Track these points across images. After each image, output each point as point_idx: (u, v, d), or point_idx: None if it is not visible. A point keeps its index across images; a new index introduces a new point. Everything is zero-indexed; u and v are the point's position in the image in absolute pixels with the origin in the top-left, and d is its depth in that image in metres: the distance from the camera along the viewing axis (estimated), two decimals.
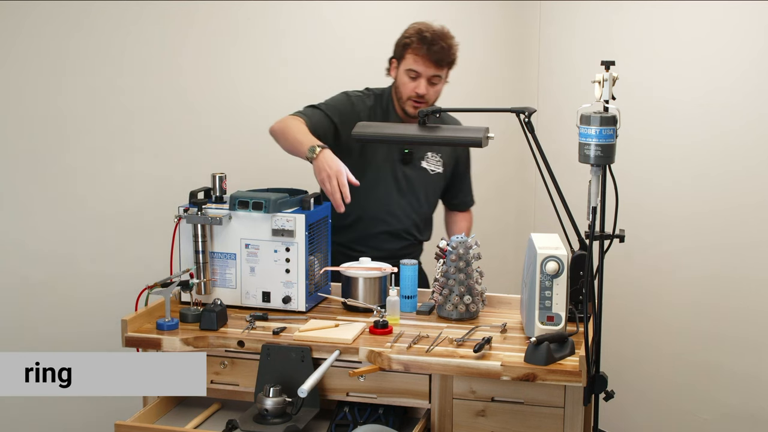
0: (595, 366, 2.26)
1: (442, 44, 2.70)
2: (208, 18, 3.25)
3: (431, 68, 2.72)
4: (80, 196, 3.02)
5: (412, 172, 2.86)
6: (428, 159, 2.87)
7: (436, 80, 2.75)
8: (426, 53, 2.70)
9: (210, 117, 3.30)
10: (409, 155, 2.85)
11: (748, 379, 3.22)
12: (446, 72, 2.79)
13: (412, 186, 2.86)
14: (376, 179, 2.83)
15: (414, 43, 2.72)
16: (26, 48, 2.86)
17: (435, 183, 2.91)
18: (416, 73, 2.73)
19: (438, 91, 2.79)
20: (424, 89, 2.73)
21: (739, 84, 3.16)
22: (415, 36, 2.73)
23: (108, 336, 2.88)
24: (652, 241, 3.48)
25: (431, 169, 2.87)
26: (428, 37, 2.70)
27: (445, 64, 2.74)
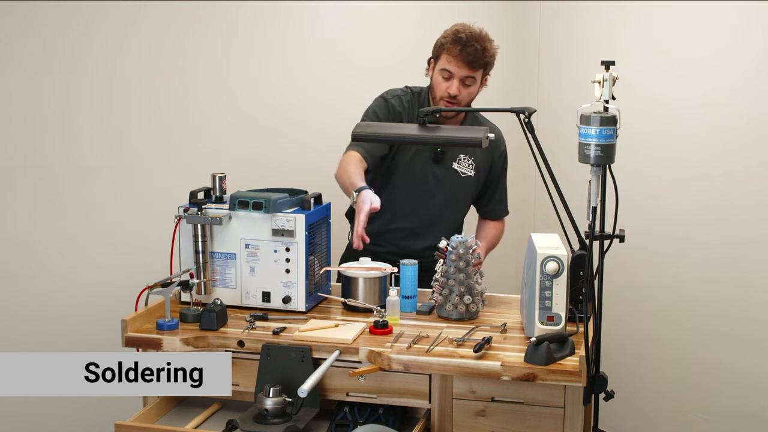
0: (595, 366, 2.26)
1: (476, 46, 2.69)
2: (208, 18, 3.25)
3: (464, 69, 2.71)
4: (78, 195, 3.02)
5: (443, 172, 2.85)
6: (460, 161, 2.85)
7: (469, 81, 2.74)
8: (459, 54, 2.70)
9: (210, 117, 3.30)
10: (441, 154, 2.83)
11: (749, 378, 3.22)
12: (481, 74, 2.77)
13: (442, 186, 2.84)
14: (406, 176, 2.83)
15: (449, 44, 2.73)
16: (23, 47, 2.86)
17: (465, 186, 2.87)
18: (449, 73, 2.73)
19: (471, 93, 2.78)
20: (456, 90, 2.72)
21: (739, 84, 3.16)
22: (450, 36, 2.74)
23: (108, 336, 2.89)
24: (652, 241, 3.48)
25: (462, 172, 2.85)
26: (463, 38, 2.70)
27: (479, 66, 2.73)
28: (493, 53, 2.76)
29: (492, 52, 2.76)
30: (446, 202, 2.85)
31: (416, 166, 2.83)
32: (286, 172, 3.25)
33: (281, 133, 3.45)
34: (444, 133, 2.54)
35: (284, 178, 2.99)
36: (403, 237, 2.82)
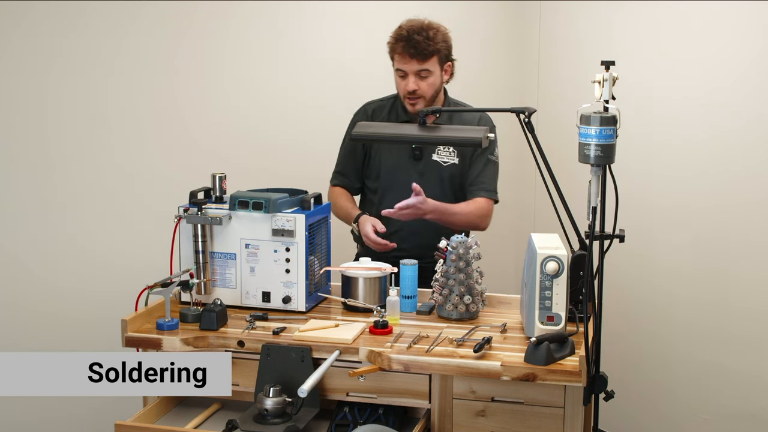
0: (595, 366, 2.26)
1: (417, 37, 2.68)
2: (207, 18, 3.25)
3: (413, 63, 2.70)
4: (78, 195, 3.02)
5: (425, 167, 2.85)
6: (440, 152, 2.85)
7: (425, 74, 2.73)
8: (403, 49, 2.70)
9: (210, 117, 3.30)
10: (419, 150, 2.84)
11: (749, 378, 3.22)
12: (436, 63, 2.74)
13: (426, 182, 2.83)
14: (391, 182, 2.85)
15: (393, 43, 2.73)
16: (23, 47, 2.86)
17: (450, 174, 2.86)
18: (403, 71, 2.74)
19: (432, 84, 2.75)
20: (412, 85, 2.72)
21: (739, 84, 3.16)
22: (394, 36, 2.74)
23: (108, 336, 2.88)
24: (652, 241, 3.48)
25: (444, 161, 2.85)
26: (404, 34, 2.70)
27: (428, 56, 2.70)
28: (441, 39, 2.73)
29: (439, 39, 2.72)
30: (435, 194, 2.81)
31: (398, 169, 2.84)
32: (286, 172, 3.25)
33: (281, 133, 3.45)
34: (444, 133, 2.54)
35: (284, 178, 2.99)
36: (403, 239, 2.81)
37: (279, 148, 3.44)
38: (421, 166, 2.85)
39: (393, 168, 2.85)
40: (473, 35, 3.98)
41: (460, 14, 3.93)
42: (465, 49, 3.97)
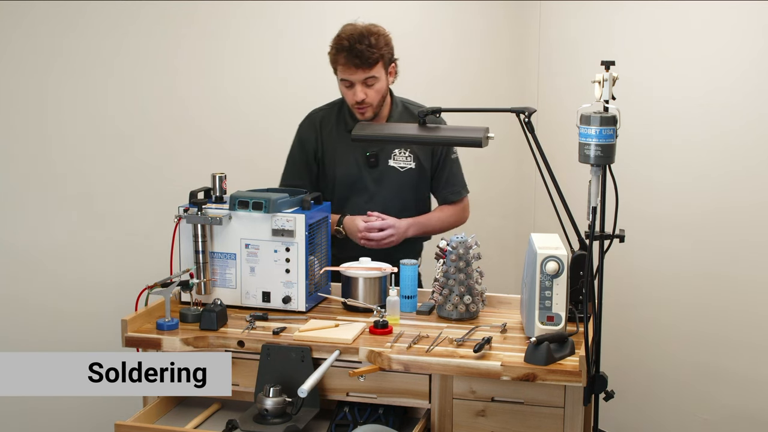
0: (595, 366, 2.26)
1: (359, 47, 2.62)
2: (207, 18, 3.25)
3: (359, 72, 2.65)
4: (79, 195, 3.02)
5: (380, 173, 2.83)
6: (395, 157, 2.82)
7: (371, 81, 2.68)
8: (347, 61, 2.63)
9: (210, 117, 3.30)
10: (373, 158, 2.81)
11: (749, 379, 3.22)
12: (381, 68, 2.69)
13: (383, 188, 2.83)
14: (347, 189, 2.83)
15: (336, 54, 2.67)
16: (23, 47, 2.86)
17: (409, 179, 2.84)
18: (349, 81, 2.68)
19: (379, 90, 2.71)
20: (360, 95, 2.67)
21: (739, 84, 3.16)
22: (335, 46, 2.67)
23: (108, 336, 2.88)
24: (652, 241, 3.48)
25: (400, 167, 2.82)
26: (345, 44, 2.63)
27: (373, 64, 2.65)
28: (384, 43, 2.68)
29: (381, 44, 2.67)
30: (393, 201, 2.82)
31: (354, 177, 2.82)
32: None
33: (281, 133, 3.44)
34: (444, 134, 2.54)
35: None
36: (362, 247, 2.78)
37: (279, 149, 3.43)
38: (377, 173, 2.82)
39: (349, 176, 2.82)
40: (473, 35, 3.98)
41: (460, 14, 3.93)
42: (465, 49, 3.99)
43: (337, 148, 2.82)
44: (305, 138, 2.86)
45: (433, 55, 3.89)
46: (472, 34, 3.97)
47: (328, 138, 2.83)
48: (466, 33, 3.97)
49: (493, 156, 3.53)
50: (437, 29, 3.93)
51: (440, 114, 2.61)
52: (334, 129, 2.83)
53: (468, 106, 3.12)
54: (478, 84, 3.97)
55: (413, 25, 3.82)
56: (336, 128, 2.84)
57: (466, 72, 3.98)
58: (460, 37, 3.97)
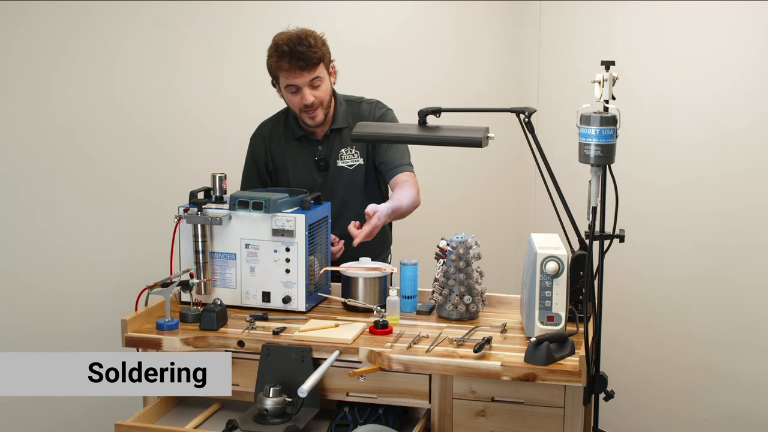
0: (595, 366, 2.26)
1: (300, 49, 2.62)
2: (207, 18, 3.25)
3: (304, 75, 2.65)
4: (79, 195, 3.02)
5: (331, 175, 2.83)
6: (343, 156, 2.83)
7: (317, 82, 2.69)
8: (290, 65, 2.63)
9: (210, 117, 3.30)
10: (323, 161, 2.82)
11: (749, 379, 3.22)
12: (323, 68, 2.70)
13: (335, 190, 2.82)
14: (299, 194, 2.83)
15: (276, 61, 2.66)
16: (25, 47, 2.86)
17: (358, 177, 2.84)
18: (295, 86, 2.68)
19: (325, 90, 2.72)
20: (310, 97, 2.68)
21: (739, 84, 3.16)
22: (274, 54, 2.67)
23: (108, 336, 2.88)
24: (652, 242, 3.48)
25: (349, 165, 2.83)
26: (286, 49, 2.63)
27: (316, 63, 2.66)
28: (321, 43, 2.69)
29: (319, 44, 2.68)
30: (349, 198, 2.82)
31: (306, 182, 2.82)
32: None
33: None
34: (444, 134, 2.53)
35: None
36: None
37: None
38: (329, 176, 2.83)
39: (301, 183, 2.82)
40: (473, 35, 3.99)
41: (461, 14, 3.93)
42: (465, 49, 3.99)
43: (287, 156, 2.84)
44: (255, 151, 2.88)
45: (434, 55, 3.89)
46: (472, 34, 3.97)
47: (277, 148, 2.85)
48: (466, 33, 3.98)
49: (493, 156, 3.53)
50: (437, 29, 3.93)
51: (440, 114, 2.60)
52: (282, 138, 2.85)
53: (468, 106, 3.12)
54: (478, 84, 3.97)
55: (413, 25, 3.82)
56: (284, 137, 2.85)
57: (466, 72, 3.98)
58: (460, 37, 3.97)
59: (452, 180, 3.98)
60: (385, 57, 2.96)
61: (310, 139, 2.82)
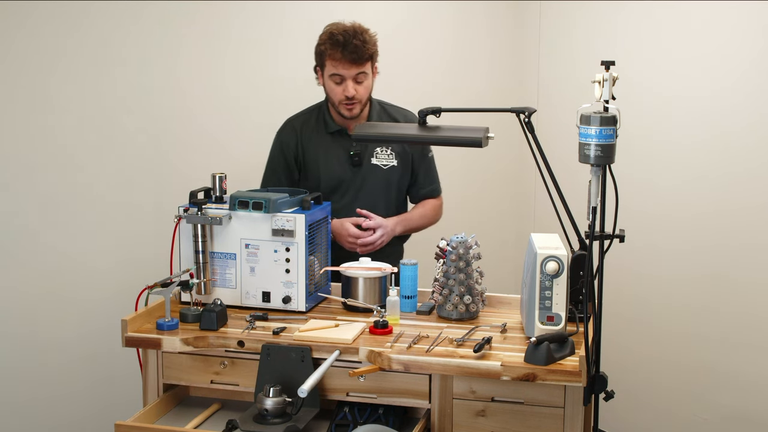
0: (595, 366, 2.26)
1: (355, 42, 2.68)
2: (208, 18, 3.25)
3: (352, 68, 2.71)
4: (79, 195, 3.02)
5: (366, 172, 2.85)
6: (378, 155, 2.86)
7: (361, 77, 2.74)
8: (341, 55, 2.69)
9: (210, 117, 3.30)
10: (357, 157, 2.84)
11: (749, 380, 3.22)
12: (370, 66, 2.76)
13: (366, 186, 2.84)
14: (330, 188, 2.85)
15: (329, 49, 2.72)
16: (26, 47, 2.86)
17: (391, 177, 2.87)
18: (340, 77, 2.73)
19: (367, 86, 2.77)
20: (351, 90, 2.72)
21: (740, 84, 3.16)
22: (327, 41, 2.72)
23: (108, 336, 2.89)
24: (652, 242, 3.48)
25: (383, 165, 2.85)
26: (340, 39, 2.69)
27: (365, 60, 2.72)
28: (374, 42, 2.76)
29: (372, 42, 2.75)
30: (376, 200, 2.84)
31: (339, 177, 2.84)
32: None
33: None
34: (444, 134, 2.54)
35: None
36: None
37: None
38: (361, 172, 2.85)
39: (333, 177, 2.85)
40: (473, 35, 3.99)
41: (460, 14, 3.93)
42: (465, 49, 3.99)
43: (319, 149, 2.85)
44: (285, 143, 2.89)
45: (433, 55, 3.89)
46: (471, 34, 3.97)
47: (309, 141, 2.86)
48: (466, 33, 3.97)
49: (493, 156, 3.53)
50: (437, 29, 3.93)
51: (440, 114, 2.61)
52: (315, 131, 2.87)
53: (468, 106, 3.12)
54: (478, 84, 3.97)
55: (413, 25, 3.82)
56: (316, 131, 2.87)
57: (466, 72, 3.98)
58: (460, 37, 3.97)
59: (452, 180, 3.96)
60: (385, 57, 2.95)
61: (344, 133, 2.84)
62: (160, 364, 2.35)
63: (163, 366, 2.35)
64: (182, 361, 2.34)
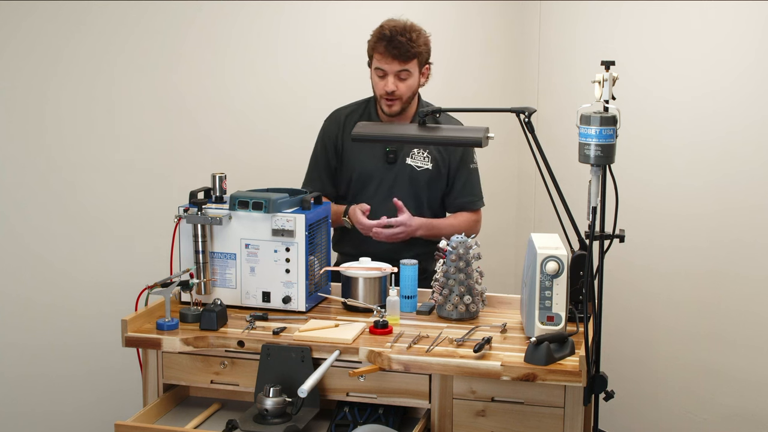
0: (595, 366, 2.26)
1: (400, 38, 2.69)
2: (208, 18, 3.25)
3: (394, 63, 2.71)
4: (80, 195, 3.02)
5: (398, 170, 2.85)
6: (414, 156, 2.86)
7: (404, 75, 2.74)
8: (385, 50, 2.70)
9: (210, 117, 3.30)
10: (392, 154, 2.85)
11: (749, 379, 3.22)
12: (416, 65, 2.75)
13: (399, 185, 2.85)
14: (362, 183, 2.86)
15: (375, 42, 2.74)
16: (26, 47, 2.86)
17: (424, 179, 2.87)
18: (382, 71, 2.74)
19: (410, 86, 2.77)
20: (391, 86, 2.73)
21: (740, 84, 3.16)
22: (376, 35, 2.75)
23: (108, 336, 2.89)
24: (652, 242, 3.48)
25: (417, 166, 2.85)
26: (387, 34, 2.71)
27: (410, 58, 2.72)
28: (423, 42, 2.76)
29: (421, 41, 2.75)
30: (408, 198, 2.83)
31: (372, 173, 2.85)
32: (286, 172, 3.25)
33: (281, 133, 3.45)
34: (444, 134, 2.54)
35: (284, 178, 2.99)
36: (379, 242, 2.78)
37: (279, 149, 3.44)
38: (394, 170, 2.85)
39: (367, 172, 2.86)
40: (473, 35, 3.98)
41: (460, 14, 3.93)
42: (465, 49, 3.99)
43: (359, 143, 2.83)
44: (327, 133, 2.92)
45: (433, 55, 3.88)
46: (472, 34, 3.97)
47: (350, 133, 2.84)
48: (466, 33, 3.97)
49: (493, 156, 3.53)
50: (437, 29, 3.91)
51: (440, 114, 2.61)
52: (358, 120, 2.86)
53: (468, 106, 3.12)
54: (478, 84, 3.97)
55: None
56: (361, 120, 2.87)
57: (466, 72, 3.98)
58: (460, 37, 3.97)
59: None
60: None
61: None
62: (160, 364, 2.35)
63: (163, 366, 2.35)
64: (182, 361, 2.34)
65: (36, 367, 2.97)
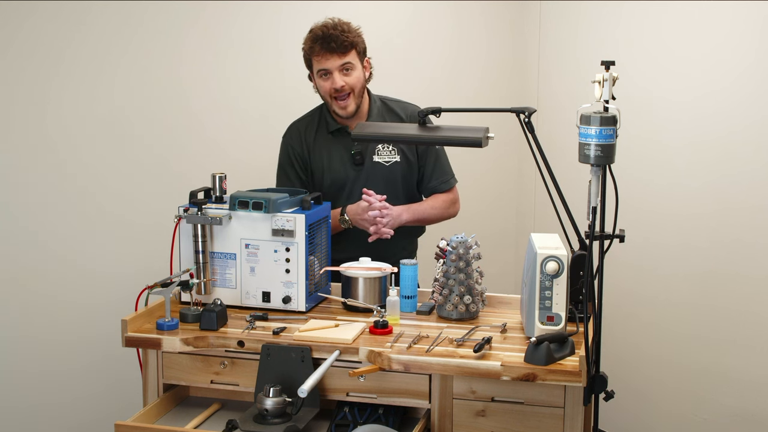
0: (595, 366, 2.26)
1: (333, 32, 2.69)
2: (209, 18, 3.25)
3: (334, 58, 2.70)
4: (80, 195, 3.02)
5: (368, 171, 2.85)
6: (380, 152, 2.85)
7: (348, 67, 2.73)
8: (321, 47, 2.70)
9: (210, 117, 3.31)
10: (359, 155, 2.84)
11: (749, 380, 3.22)
12: (356, 56, 2.75)
13: (372, 185, 2.82)
14: (335, 190, 2.85)
15: (310, 46, 2.73)
16: (28, 47, 2.86)
17: (395, 173, 2.86)
18: (325, 70, 2.73)
19: (358, 78, 2.75)
20: (339, 81, 2.72)
21: (740, 84, 3.16)
22: (309, 40, 2.74)
23: (108, 336, 2.89)
24: (652, 242, 3.48)
25: (386, 161, 2.85)
26: (319, 33, 2.71)
27: (348, 49, 2.71)
28: (356, 32, 2.76)
29: (354, 32, 2.75)
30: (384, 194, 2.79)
31: (343, 178, 2.84)
32: None
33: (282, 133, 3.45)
34: (444, 134, 2.54)
35: None
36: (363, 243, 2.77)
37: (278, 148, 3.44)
38: (364, 171, 2.84)
39: (338, 178, 2.84)
40: (473, 35, 3.98)
41: (461, 14, 3.93)
42: (465, 49, 3.99)
43: (323, 151, 2.85)
44: (292, 146, 2.89)
45: (434, 55, 3.89)
46: (472, 34, 3.97)
47: (314, 144, 2.87)
48: (466, 33, 3.98)
49: (493, 156, 3.54)
50: (437, 29, 3.93)
51: (440, 114, 2.61)
52: (317, 133, 2.87)
53: (468, 106, 3.12)
54: (478, 84, 3.97)
55: (413, 25, 3.82)
56: (319, 131, 2.87)
57: (466, 72, 3.98)
58: (460, 37, 3.97)
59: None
60: (385, 57, 2.96)
61: (344, 132, 2.84)
62: (160, 364, 2.35)
63: (163, 366, 2.35)
64: (182, 361, 2.34)
65: (36, 367, 2.97)
